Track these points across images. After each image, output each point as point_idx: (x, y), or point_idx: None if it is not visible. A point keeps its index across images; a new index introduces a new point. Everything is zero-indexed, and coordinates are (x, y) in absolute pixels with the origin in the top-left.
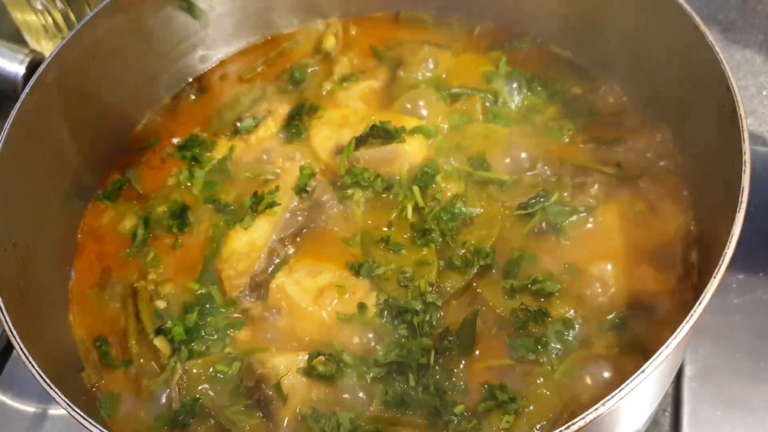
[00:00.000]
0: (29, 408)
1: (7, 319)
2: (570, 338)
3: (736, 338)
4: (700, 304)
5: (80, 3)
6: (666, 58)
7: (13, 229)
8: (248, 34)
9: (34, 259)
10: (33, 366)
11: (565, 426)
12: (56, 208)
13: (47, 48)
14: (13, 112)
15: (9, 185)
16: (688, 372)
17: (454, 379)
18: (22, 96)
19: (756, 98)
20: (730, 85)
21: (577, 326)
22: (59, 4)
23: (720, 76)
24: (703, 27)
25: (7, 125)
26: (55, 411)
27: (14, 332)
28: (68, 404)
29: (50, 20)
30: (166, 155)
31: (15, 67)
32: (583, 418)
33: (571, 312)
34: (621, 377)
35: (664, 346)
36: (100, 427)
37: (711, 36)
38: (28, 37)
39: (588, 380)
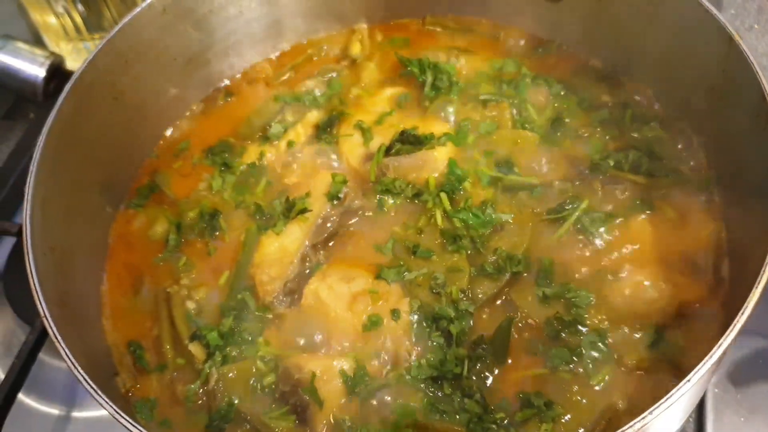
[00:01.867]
0: (53, 410)
1: (52, 324)
2: (604, 348)
3: (758, 345)
4: (743, 314)
5: (99, 5)
6: (698, 66)
7: (51, 233)
8: (276, 39)
9: (70, 264)
10: (78, 371)
11: None
12: (89, 213)
13: (66, 50)
14: (50, 119)
15: (46, 190)
16: (711, 378)
17: (488, 387)
18: (59, 102)
19: None
20: (766, 94)
21: (610, 336)
22: (79, 6)
23: (754, 85)
24: (737, 37)
25: (44, 131)
26: (79, 414)
27: (59, 337)
28: (114, 408)
29: (70, 22)
30: (196, 161)
31: (35, 69)
32: (631, 426)
33: (605, 321)
34: (655, 386)
35: (707, 356)
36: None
37: (744, 45)
38: (47, 39)
39: (623, 388)
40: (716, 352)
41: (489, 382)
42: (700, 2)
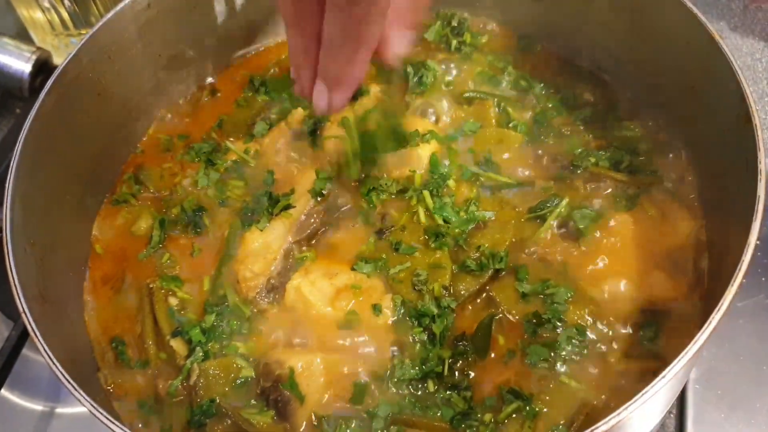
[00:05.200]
0: (37, 406)
1: (30, 320)
2: (583, 343)
3: (739, 341)
4: (718, 311)
5: (87, 1)
6: (679, 65)
7: (31, 228)
8: (262, 36)
9: (51, 260)
10: (57, 367)
11: (589, 430)
12: (71, 209)
13: (53, 45)
14: (31, 113)
15: (27, 185)
16: (692, 375)
17: (470, 383)
18: (40, 97)
19: (757, 105)
20: (745, 94)
21: (589, 331)
22: (66, 2)
23: (735, 85)
24: (717, 36)
25: (25, 126)
26: (63, 409)
27: (37, 333)
28: (93, 405)
29: (56, 18)
30: (181, 157)
31: (22, 65)
32: (606, 422)
33: (585, 317)
34: (633, 382)
35: (682, 353)
36: (124, 429)
37: (725, 45)
38: (33, 35)
39: (603, 384)
40: (691, 349)
41: (471, 378)
42: (681, 1)
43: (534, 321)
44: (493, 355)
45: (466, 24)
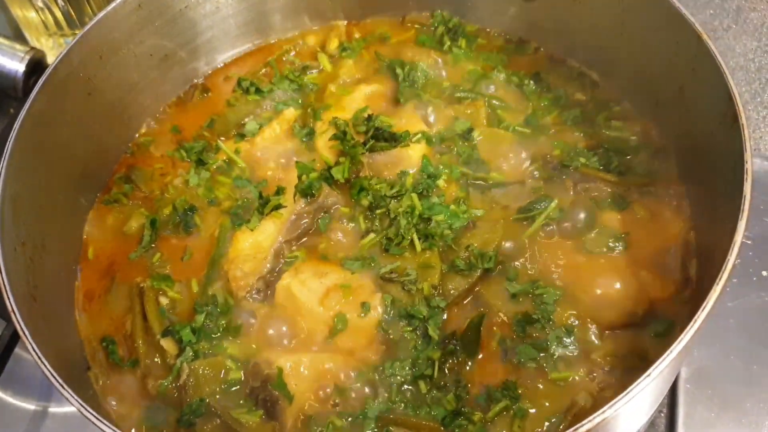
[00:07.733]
0: (30, 406)
1: (19, 319)
2: (570, 343)
3: (729, 341)
4: (703, 310)
5: (80, 1)
6: (668, 66)
7: (22, 228)
8: (253, 36)
9: (41, 259)
10: (46, 366)
11: (574, 428)
12: (62, 208)
13: (47, 45)
14: (22, 113)
15: (18, 185)
16: (683, 374)
17: (461, 383)
18: (31, 96)
19: (750, 105)
20: (732, 94)
21: (577, 331)
22: (60, 2)
23: (722, 85)
24: (705, 36)
25: (16, 125)
26: (56, 409)
27: (26, 332)
28: (81, 404)
29: (50, 18)
30: (171, 156)
31: (15, 64)
32: (591, 420)
33: (572, 317)
34: (620, 381)
35: (667, 352)
36: (113, 427)
37: (715, 45)
38: (27, 34)
39: (589, 384)
40: (676, 348)
41: (461, 377)
42: (669, 1)
43: (523, 321)
44: (482, 355)
45: (462, 28)
